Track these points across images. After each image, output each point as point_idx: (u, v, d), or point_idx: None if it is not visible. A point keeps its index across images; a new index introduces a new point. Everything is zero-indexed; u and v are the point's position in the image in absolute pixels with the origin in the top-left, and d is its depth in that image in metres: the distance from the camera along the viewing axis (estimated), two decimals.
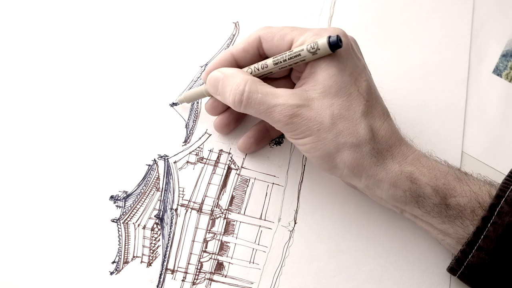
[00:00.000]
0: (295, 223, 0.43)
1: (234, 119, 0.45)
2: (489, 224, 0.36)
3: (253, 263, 0.42)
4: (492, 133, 0.47)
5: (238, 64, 0.41)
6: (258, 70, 0.40)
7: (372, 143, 0.37)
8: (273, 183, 0.45)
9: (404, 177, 0.37)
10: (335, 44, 0.36)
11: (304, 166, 0.45)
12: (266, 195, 0.44)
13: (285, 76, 0.43)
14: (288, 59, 0.38)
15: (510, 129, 0.48)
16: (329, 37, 0.36)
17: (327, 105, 0.37)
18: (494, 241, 0.36)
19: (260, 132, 0.45)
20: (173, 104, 0.46)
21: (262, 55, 0.41)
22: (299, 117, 0.37)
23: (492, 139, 0.47)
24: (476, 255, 0.37)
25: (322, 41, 0.36)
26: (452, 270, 0.40)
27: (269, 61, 0.39)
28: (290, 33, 0.39)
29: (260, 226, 0.43)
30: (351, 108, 0.37)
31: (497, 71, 0.50)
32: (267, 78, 0.41)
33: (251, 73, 0.40)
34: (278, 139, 0.46)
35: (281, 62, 0.38)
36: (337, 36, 0.36)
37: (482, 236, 0.37)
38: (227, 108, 0.44)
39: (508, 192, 0.37)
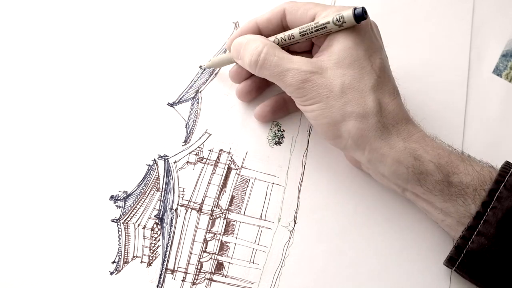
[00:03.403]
0: (295, 223, 0.43)
1: (256, 87, 0.46)
2: (488, 209, 0.37)
3: (253, 263, 0.42)
4: (492, 133, 0.47)
5: (261, 33, 0.43)
6: (285, 40, 0.41)
7: (379, 116, 0.38)
8: (273, 183, 0.45)
9: (407, 153, 0.37)
10: (360, 16, 0.38)
11: (304, 166, 0.45)
12: (266, 195, 0.44)
13: (306, 51, 0.45)
14: (315, 30, 0.39)
15: (510, 129, 0.48)
16: (355, 8, 0.38)
17: (339, 75, 0.38)
18: (494, 225, 0.36)
19: (277, 103, 0.45)
20: (201, 68, 0.48)
21: (284, 27, 0.43)
22: (311, 83, 0.38)
23: (492, 139, 0.47)
24: (476, 240, 0.37)
25: (348, 13, 0.38)
26: (450, 260, 0.39)
27: (295, 31, 0.40)
28: (313, 8, 0.40)
29: (260, 226, 0.43)
30: (362, 80, 0.38)
31: (497, 71, 0.50)
32: (288, 50, 0.42)
33: (276, 43, 0.42)
34: (278, 139, 0.46)
35: (307, 33, 0.40)
36: (362, 8, 0.38)
37: (482, 221, 0.37)
38: (250, 75, 0.45)
39: (507, 177, 0.37)
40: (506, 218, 0.36)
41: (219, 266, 0.42)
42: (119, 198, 0.43)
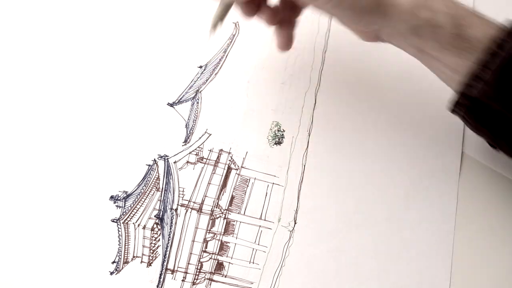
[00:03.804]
0: (295, 223, 0.43)
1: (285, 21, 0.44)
2: (493, 55, 0.36)
3: (253, 263, 0.42)
4: None
5: None
6: None
7: None
8: (273, 183, 0.45)
9: (423, 4, 0.38)
10: None
11: (304, 166, 0.45)
12: (266, 195, 0.44)
13: None
14: None
15: None
16: None
17: None
18: (498, 71, 0.36)
19: (285, 23, 0.44)
20: (213, 30, 0.44)
21: None
22: None
23: None
24: (480, 87, 0.37)
25: None
26: (456, 105, 0.39)
27: None
28: None
29: (260, 226, 0.43)
30: None
31: None
32: None
33: None
34: (278, 139, 0.46)
35: None
36: None
37: (486, 67, 0.36)
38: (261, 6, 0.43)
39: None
40: (510, 64, 0.36)
41: (219, 266, 0.42)
42: (119, 198, 0.43)
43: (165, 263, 0.42)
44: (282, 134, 0.46)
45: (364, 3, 0.38)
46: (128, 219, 0.43)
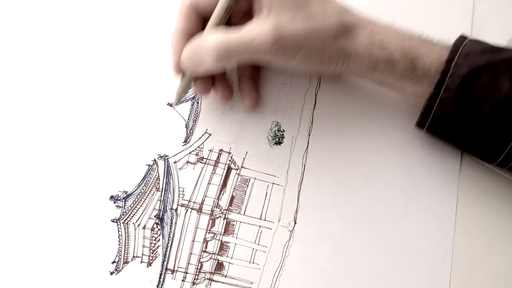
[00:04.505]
0: (295, 223, 0.43)
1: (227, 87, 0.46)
2: (447, 77, 0.40)
3: (253, 263, 0.42)
4: None
5: (200, 11, 0.42)
6: (222, 15, 0.41)
7: (342, 26, 0.41)
8: (273, 183, 0.45)
9: (377, 45, 0.41)
10: None
11: (304, 166, 0.45)
12: (266, 195, 0.44)
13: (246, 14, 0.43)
14: None
15: None
16: None
17: (292, 16, 0.40)
18: (454, 91, 0.40)
19: (249, 82, 0.46)
20: (172, 105, 0.46)
21: None
22: (281, 37, 0.39)
23: None
24: (439, 107, 0.41)
25: None
26: (420, 124, 0.43)
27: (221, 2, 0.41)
28: None
29: (260, 226, 0.43)
30: (312, 15, 0.40)
31: None
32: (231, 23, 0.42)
33: (217, 24, 0.41)
34: (278, 139, 0.46)
35: None
36: None
37: (443, 89, 0.40)
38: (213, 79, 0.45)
39: (461, 48, 0.41)
40: (464, 83, 0.40)
41: (219, 266, 0.42)
42: (119, 198, 0.43)
43: (165, 263, 0.42)
44: (282, 134, 0.46)
45: (329, 54, 0.41)
46: (128, 219, 0.43)
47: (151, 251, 0.42)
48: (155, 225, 0.43)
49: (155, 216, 0.43)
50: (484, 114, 0.39)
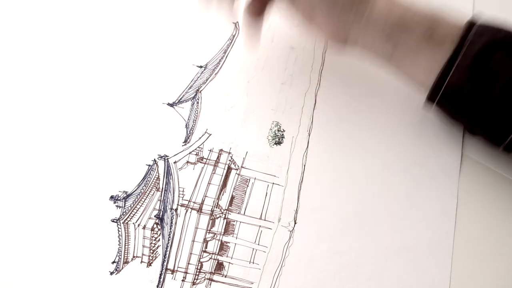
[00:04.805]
0: (295, 223, 0.43)
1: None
2: (466, 43, 0.39)
3: (253, 263, 0.42)
4: None
5: None
6: None
7: None
8: (273, 183, 0.45)
9: (395, 9, 0.40)
10: None
11: (304, 166, 0.45)
12: (266, 195, 0.44)
13: None
14: None
15: None
16: None
17: None
18: (471, 58, 0.38)
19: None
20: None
21: None
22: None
23: None
24: (455, 74, 0.39)
25: None
26: (431, 97, 0.41)
27: None
28: None
29: (260, 226, 0.43)
30: None
31: None
32: None
33: None
34: (278, 139, 0.46)
35: None
36: None
37: (461, 54, 0.39)
38: None
39: (479, 22, 0.39)
40: (482, 52, 0.38)
41: (219, 266, 0.42)
42: (119, 198, 0.43)
43: (165, 263, 0.42)
44: (282, 134, 0.46)
45: (342, 3, 0.40)
46: (128, 219, 0.43)
47: (151, 251, 0.42)
48: (155, 225, 0.43)
49: (155, 216, 0.43)
50: (498, 89, 0.38)
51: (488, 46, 0.38)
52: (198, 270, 0.42)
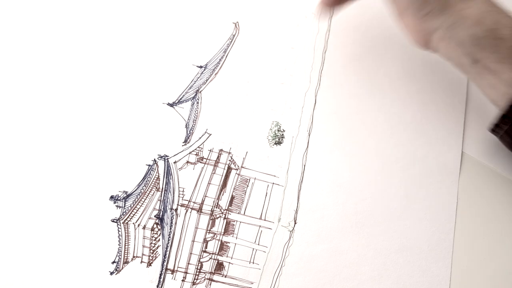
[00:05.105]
0: (295, 223, 0.43)
1: None
2: None
3: (253, 263, 0.42)
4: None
5: None
6: None
7: None
8: (273, 183, 0.45)
9: (489, 15, 0.37)
10: None
11: (304, 166, 0.45)
12: (266, 195, 0.44)
13: None
14: None
15: None
16: None
17: None
18: None
19: None
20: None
21: None
22: None
23: (492, 139, 0.47)
24: None
25: None
26: (498, 125, 0.39)
27: None
28: None
29: (260, 226, 0.43)
30: None
31: None
32: None
33: None
34: (278, 139, 0.46)
35: None
36: None
37: None
38: None
39: None
40: None
41: (219, 266, 0.42)
42: (119, 198, 0.43)
43: (165, 263, 0.42)
44: (282, 134, 0.46)
45: (436, 9, 0.38)
46: (128, 219, 0.43)
47: (151, 251, 0.42)
48: (155, 225, 0.43)
49: (155, 216, 0.43)
50: None
51: None
52: (198, 270, 0.42)
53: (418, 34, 0.42)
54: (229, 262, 0.42)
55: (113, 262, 0.41)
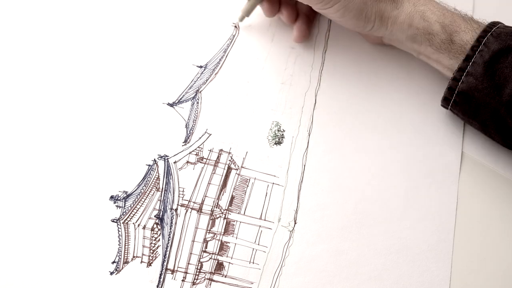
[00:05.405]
0: (295, 223, 0.43)
1: (292, 10, 0.48)
2: (476, 52, 0.41)
3: (253, 263, 0.42)
4: None
5: None
6: None
7: None
8: (273, 183, 0.45)
9: (418, 16, 0.43)
10: None
11: (304, 166, 0.45)
12: (266, 195, 0.44)
13: None
14: None
15: None
16: None
17: None
18: (482, 66, 0.41)
19: (303, 19, 0.49)
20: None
21: None
22: None
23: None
24: (465, 80, 0.42)
25: None
26: (445, 100, 0.44)
27: None
28: None
29: (260, 226, 0.43)
30: None
31: None
32: None
33: None
34: (278, 139, 0.46)
35: None
36: None
37: (471, 63, 0.41)
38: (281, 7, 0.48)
39: (494, 28, 0.42)
40: (492, 60, 0.40)
41: (219, 266, 0.42)
42: (119, 198, 0.43)
43: (165, 263, 0.42)
44: (282, 134, 0.46)
45: (366, 13, 0.43)
46: (128, 219, 0.43)
47: (151, 251, 0.42)
48: (155, 225, 0.43)
49: (155, 216, 0.43)
50: (507, 94, 0.40)
51: (499, 52, 0.40)
52: (198, 270, 0.42)
53: (369, 39, 0.49)
54: (229, 262, 0.42)
55: (113, 262, 0.41)
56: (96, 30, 0.49)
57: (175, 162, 0.45)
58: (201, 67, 0.48)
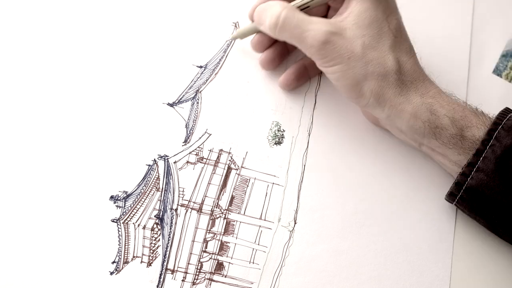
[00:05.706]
0: (295, 223, 0.43)
1: (278, 54, 0.47)
2: (487, 147, 0.38)
3: (253, 263, 0.42)
4: None
5: None
6: (304, 2, 0.42)
7: (398, 74, 0.40)
8: (273, 183, 0.45)
9: (424, 108, 0.39)
10: None
11: (304, 166, 0.45)
12: (266, 195, 0.44)
13: (322, 16, 0.45)
14: None
15: None
16: None
17: (359, 35, 0.39)
18: (493, 162, 0.38)
19: (299, 69, 0.47)
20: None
21: None
22: (331, 44, 0.39)
23: None
24: (475, 176, 0.39)
25: None
26: (451, 195, 0.41)
27: None
28: None
29: (260, 226, 0.43)
30: (380, 40, 0.40)
31: (497, 71, 0.50)
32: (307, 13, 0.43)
33: (296, 6, 0.42)
34: (278, 139, 0.46)
35: None
36: None
37: (481, 158, 0.38)
38: (272, 43, 0.46)
39: (505, 120, 0.39)
40: (505, 155, 0.38)
41: (219, 266, 0.42)
42: (119, 198, 0.43)
43: (165, 263, 0.42)
44: (282, 134, 0.46)
45: (362, 88, 0.40)
46: (128, 219, 0.43)
47: (151, 251, 0.42)
48: (155, 225, 0.43)
49: (155, 216, 0.43)
50: None
51: (510, 149, 0.38)
52: (198, 270, 0.42)
53: (365, 114, 0.46)
54: (229, 262, 0.42)
55: (113, 262, 0.41)
56: (96, 30, 0.49)
57: (175, 162, 0.45)
58: (201, 67, 0.48)
